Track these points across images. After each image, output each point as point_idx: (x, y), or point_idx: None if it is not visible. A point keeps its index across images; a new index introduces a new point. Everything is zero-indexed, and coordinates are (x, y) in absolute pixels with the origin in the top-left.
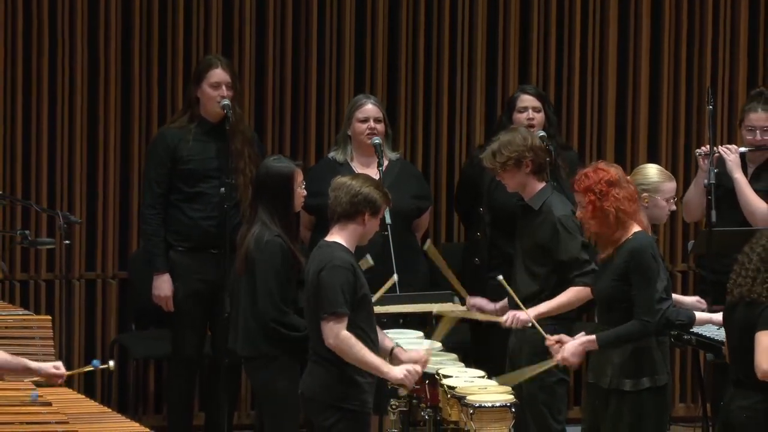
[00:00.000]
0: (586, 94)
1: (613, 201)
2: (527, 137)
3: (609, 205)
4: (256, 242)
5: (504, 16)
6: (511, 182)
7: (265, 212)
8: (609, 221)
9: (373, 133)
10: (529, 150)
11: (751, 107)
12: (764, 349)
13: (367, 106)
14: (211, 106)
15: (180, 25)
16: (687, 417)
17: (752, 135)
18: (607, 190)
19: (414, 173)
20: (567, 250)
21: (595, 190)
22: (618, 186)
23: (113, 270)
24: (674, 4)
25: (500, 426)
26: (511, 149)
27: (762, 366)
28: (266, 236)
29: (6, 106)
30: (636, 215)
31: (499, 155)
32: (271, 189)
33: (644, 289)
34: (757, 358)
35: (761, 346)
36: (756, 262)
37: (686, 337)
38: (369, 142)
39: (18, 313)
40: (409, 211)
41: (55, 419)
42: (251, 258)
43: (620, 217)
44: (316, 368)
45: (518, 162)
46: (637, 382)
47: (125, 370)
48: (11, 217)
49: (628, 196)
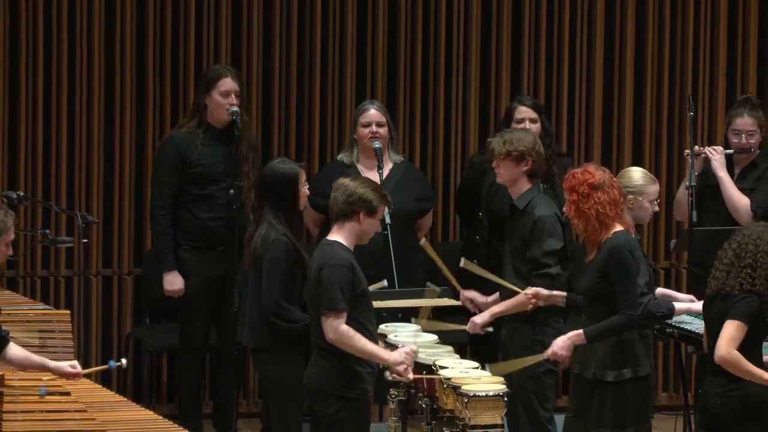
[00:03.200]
0: (575, 101)
1: (593, 204)
2: (537, 142)
3: (589, 207)
4: (263, 241)
5: (497, 29)
6: (505, 173)
7: (271, 212)
8: (591, 222)
9: (375, 137)
10: (534, 152)
11: (738, 112)
12: (726, 336)
13: (370, 112)
14: (219, 113)
15: (192, 38)
16: (669, 406)
17: (738, 138)
18: (588, 192)
19: (417, 175)
20: (533, 249)
21: (578, 190)
22: (601, 190)
23: (128, 267)
24: (657, 17)
25: (493, 414)
26: (521, 144)
27: (719, 351)
28: (272, 235)
29: (27, 113)
30: (619, 218)
31: (509, 144)
32: (277, 190)
33: (624, 285)
34: (718, 342)
35: (724, 333)
36: (731, 257)
37: (668, 330)
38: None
39: (39, 308)
40: (411, 212)
41: (73, 408)
42: (258, 256)
43: (601, 220)
44: (319, 360)
45: (520, 157)
46: (619, 373)
47: (139, 362)
48: (33, 217)
49: (610, 200)
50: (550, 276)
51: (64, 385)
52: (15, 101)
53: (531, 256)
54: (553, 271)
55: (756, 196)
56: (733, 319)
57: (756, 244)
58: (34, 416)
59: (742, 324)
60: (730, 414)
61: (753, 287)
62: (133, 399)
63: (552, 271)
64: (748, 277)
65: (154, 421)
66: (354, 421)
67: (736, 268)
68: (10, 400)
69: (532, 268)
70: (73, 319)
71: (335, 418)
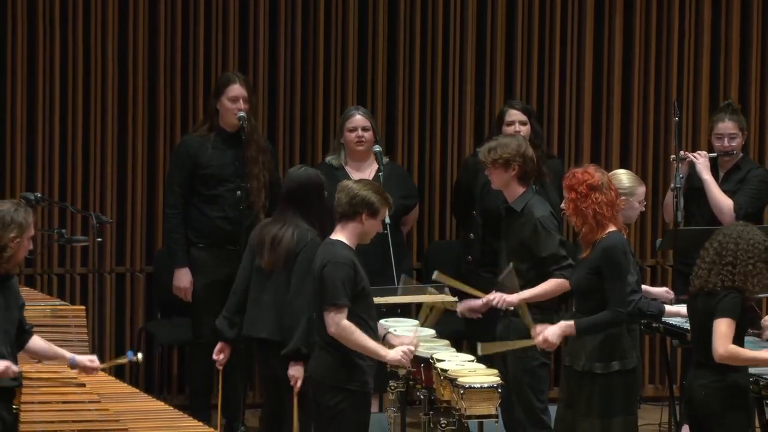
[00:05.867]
0: (565, 106)
1: (591, 203)
2: (522, 146)
3: (587, 206)
4: (298, 241)
5: (491, 36)
6: (496, 179)
7: (300, 216)
8: (588, 221)
9: (361, 141)
10: (520, 156)
11: (719, 117)
12: (720, 334)
13: (355, 117)
14: (228, 118)
15: (201, 46)
16: (655, 397)
17: (720, 142)
18: (587, 192)
19: (401, 174)
20: (546, 248)
21: (578, 190)
22: (599, 191)
23: (141, 265)
24: (644, 26)
25: (488, 405)
26: (505, 151)
27: (718, 350)
28: (309, 235)
29: (45, 119)
30: (614, 219)
31: (494, 152)
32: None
33: (616, 283)
34: (714, 342)
35: (718, 332)
36: (712, 256)
37: (655, 325)
38: (360, 149)
39: (55, 304)
40: (397, 209)
41: (88, 398)
42: (291, 255)
43: (598, 220)
44: (321, 353)
45: (507, 163)
46: (607, 365)
47: (151, 355)
48: (49, 217)
49: (607, 201)
50: (571, 266)
51: (79, 376)
52: (33, 108)
53: (549, 254)
54: (569, 260)
55: (739, 198)
56: (722, 317)
57: (736, 243)
58: (50, 407)
59: (731, 320)
60: (713, 404)
61: (733, 283)
62: (145, 390)
63: (571, 262)
64: (728, 273)
65: (165, 411)
66: (354, 412)
67: (717, 265)
68: (28, 392)
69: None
70: (88, 314)
71: (336, 409)
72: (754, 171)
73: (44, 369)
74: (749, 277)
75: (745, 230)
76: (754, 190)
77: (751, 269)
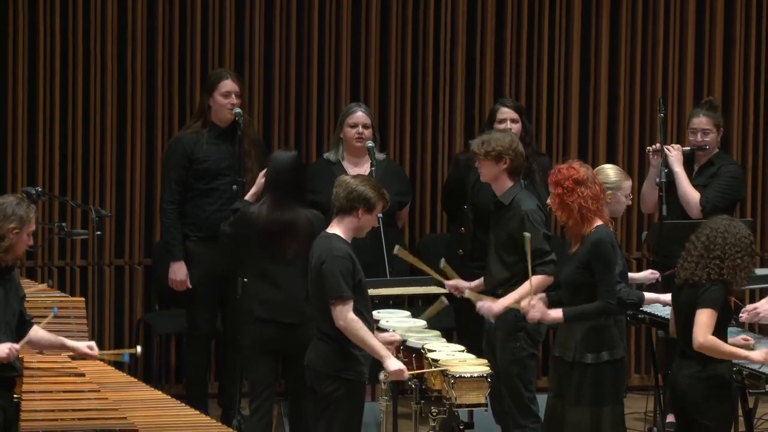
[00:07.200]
0: (553, 103)
1: (576, 198)
2: (514, 141)
3: (573, 201)
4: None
5: (481, 36)
6: (486, 171)
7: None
8: (573, 215)
9: (361, 138)
10: (512, 151)
11: (695, 113)
12: (701, 324)
13: (357, 114)
14: (221, 113)
15: (198, 44)
16: (641, 386)
17: (694, 136)
18: (573, 187)
19: (397, 171)
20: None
21: (564, 185)
22: (584, 185)
23: (139, 257)
24: (630, 25)
25: (477, 394)
26: (498, 144)
27: (697, 338)
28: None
29: (45, 116)
30: (599, 213)
31: (486, 144)
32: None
33: (605, 276)
34: (695, 332)
35: (699, 321)
36: (700, 249)
37: (640, 316)
38: (359, 145)
39: (55, 296)
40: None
41: (87, 388)
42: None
43: (584, 214)
44: (319, 343)
45: (498, 157)
46: (597, 355)
47: (150, 345)
48: (50, 211)
49: (592, 195)
50: (553, 262)
51: (79, 366)
52: (33, 105)
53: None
54: (552, 255)
55: (707, 192)
56: (704, 308)
57: (724, 237)
58: (51, 396)
59: (713, 311)
60: (697, 393)
61: (720, 276)
62: (144, 380)
63: (553, 257)
64: (716, 267)
65: (163, 400)
66: (350, 400)
67: (705, 259)
68: (28, 382)
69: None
70: (87, 305)
71: (333, 397)
72: (726, 167)
73: (44, 359)
74: (737, 270)
75: (732, 224)
76: (723, 185)
77: (740, 263)
